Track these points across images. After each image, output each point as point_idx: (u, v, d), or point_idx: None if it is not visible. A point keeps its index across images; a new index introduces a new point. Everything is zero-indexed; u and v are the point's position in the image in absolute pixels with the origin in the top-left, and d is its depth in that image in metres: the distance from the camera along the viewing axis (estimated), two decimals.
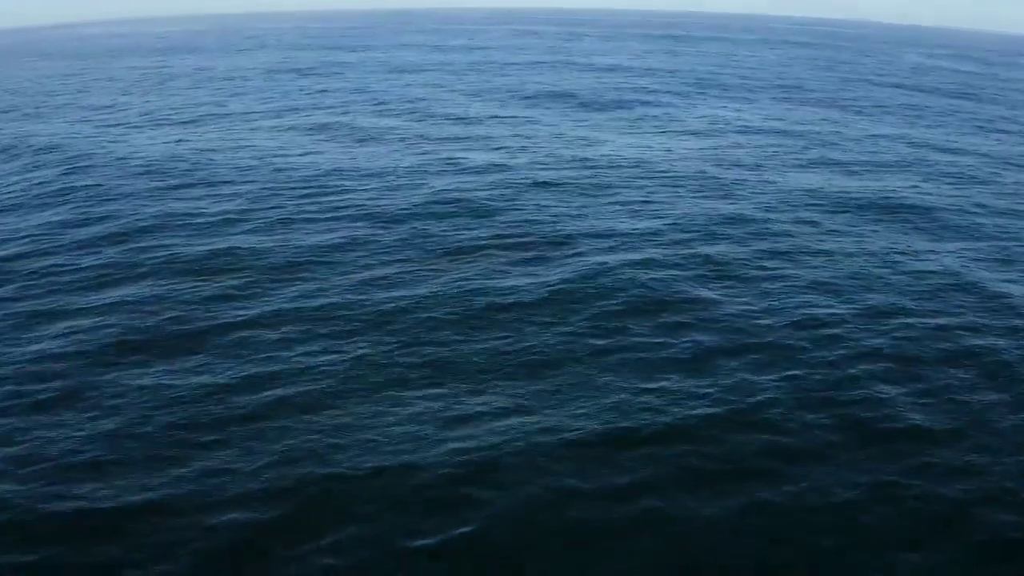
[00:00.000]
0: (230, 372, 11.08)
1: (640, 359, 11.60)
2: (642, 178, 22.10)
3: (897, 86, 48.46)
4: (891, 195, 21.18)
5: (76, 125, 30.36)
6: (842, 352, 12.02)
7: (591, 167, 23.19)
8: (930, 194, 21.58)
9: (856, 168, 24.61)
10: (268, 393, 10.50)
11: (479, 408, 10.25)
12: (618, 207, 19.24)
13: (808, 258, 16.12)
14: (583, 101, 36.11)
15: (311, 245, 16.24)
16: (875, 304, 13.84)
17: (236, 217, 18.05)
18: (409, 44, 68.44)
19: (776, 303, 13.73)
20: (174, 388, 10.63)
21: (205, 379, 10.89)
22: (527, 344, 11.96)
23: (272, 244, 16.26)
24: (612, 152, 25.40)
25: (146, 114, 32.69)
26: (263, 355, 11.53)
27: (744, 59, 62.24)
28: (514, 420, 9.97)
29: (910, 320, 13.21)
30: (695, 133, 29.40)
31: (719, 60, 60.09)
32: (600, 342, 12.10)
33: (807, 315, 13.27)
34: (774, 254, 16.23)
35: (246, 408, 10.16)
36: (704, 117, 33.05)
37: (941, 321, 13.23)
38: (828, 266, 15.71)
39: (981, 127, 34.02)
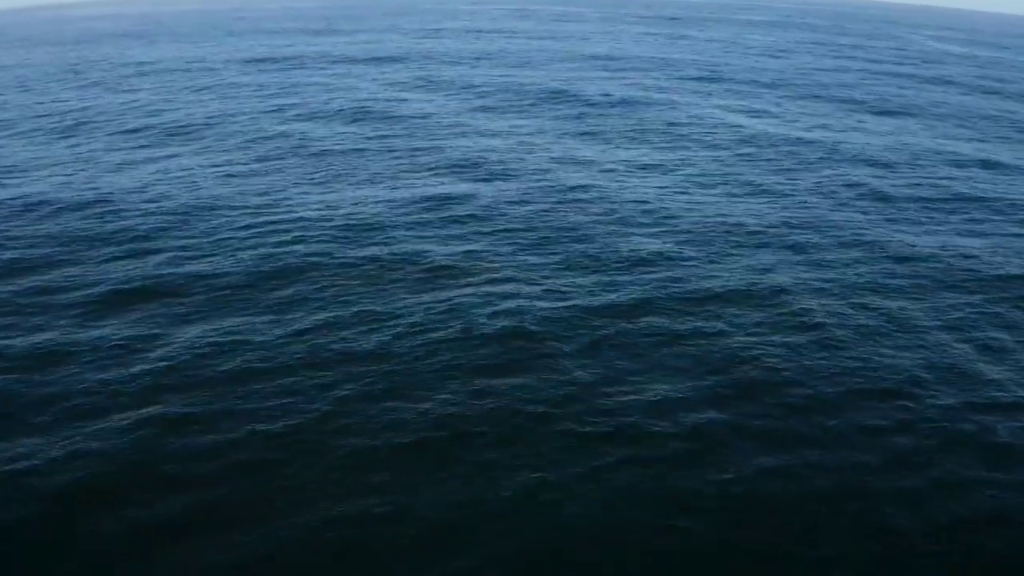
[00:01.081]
0: None
1: None
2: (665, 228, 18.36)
3: (933, 81, 44.44)
4: None
5: None
6: None
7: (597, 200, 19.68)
8: None
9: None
10: None
11: None
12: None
13: None
14: (580, 107, 31.94)
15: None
16: None
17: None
18: (397, 28, 64.17)
19: None
20: None
21: None
22: None
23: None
24: (621, 185, 21.60)
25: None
26: None
27: (752, 45, 58.08)
28: None
29: None
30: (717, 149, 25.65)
31: (724, 48, 55.77)
32: None
33: None
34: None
35: None
36: (733, 127, 29.28)
37: None
38: None
39: None
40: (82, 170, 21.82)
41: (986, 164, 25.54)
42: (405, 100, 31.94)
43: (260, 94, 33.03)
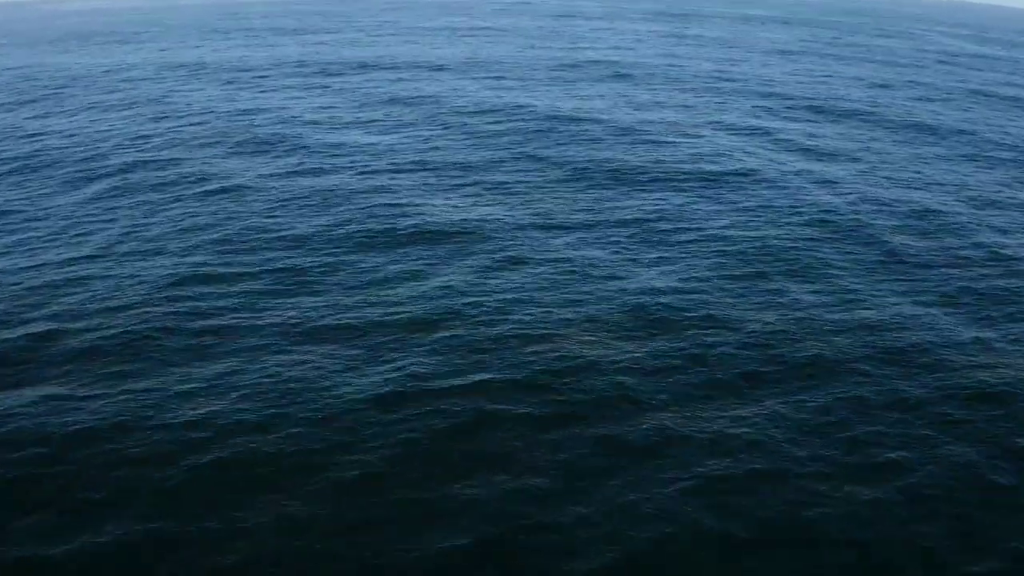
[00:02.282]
0: None
1: None
2: None
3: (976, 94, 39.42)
4: None
5: None
6: None
7: None
8: None
9: None
10: None
11: None
12: None
13: None
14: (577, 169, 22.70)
15: None
16: None
17: None
18: (386, 24, 60.37)
19: None
20: None
21: None
22: None
23: None
24: None
25: None
26: None
27: (763, 45, 53.97)
28: None
29: None
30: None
31: (730, 50, 51.58)
32: None
33: None
34: None
35: None
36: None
37: None
38: None
39: None
40: None
41: None
42: (339, 131, 26.38)
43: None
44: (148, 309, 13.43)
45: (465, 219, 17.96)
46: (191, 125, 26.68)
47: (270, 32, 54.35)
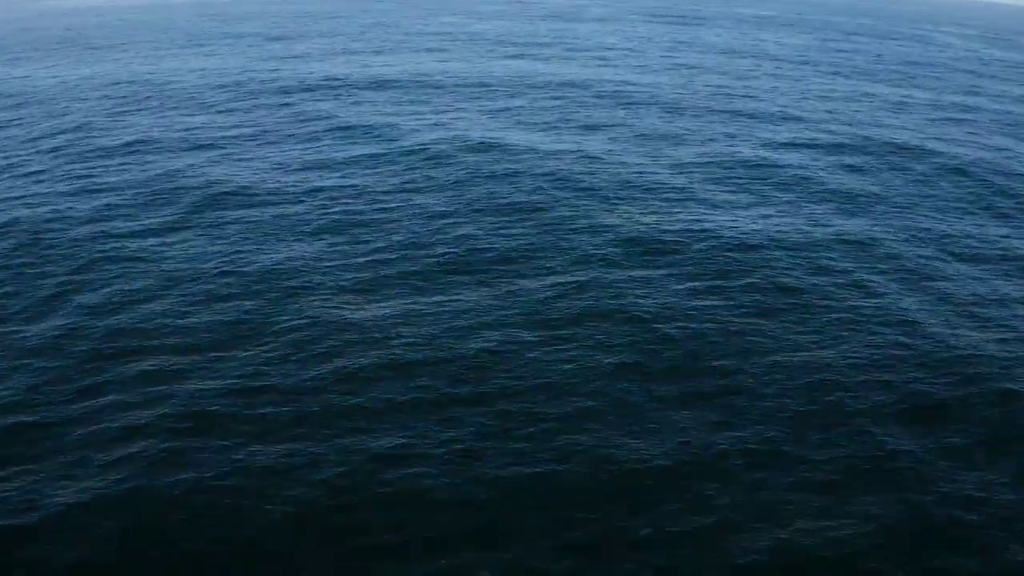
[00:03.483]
0: None
1: None
2: None
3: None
4: None
5: None
6: None
7: None
8: None
9: None
10: None
11: None
12: None
13: None
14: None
15: None
16: None
17: None
18: (359, 35, 57.24)
19: None
20: None
21: None
22: None
23: None
24: None
25: None
26: None
27: (772, 50, 50.95)
28: None
29: None
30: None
31: (738, 64, 48.57)
32: None
33: None
34: None
35: None
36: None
37: None
38: None
39: None
40: None
41: None
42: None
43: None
44: None
45: None
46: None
47: (255, 39, 51.12)
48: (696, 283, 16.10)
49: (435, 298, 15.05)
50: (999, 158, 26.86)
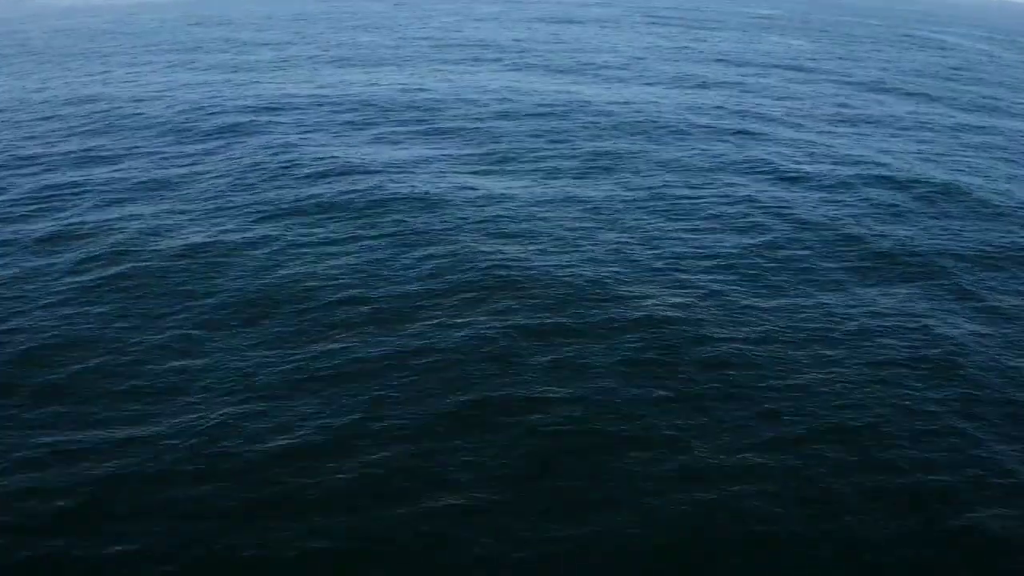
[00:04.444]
0: None
1: None
2: None
3: None
4: None
5: None
6: None
7: None
8: None
9: None
10: None
11: None
12: None
13: None
14: None
15: None
16: None
17: None
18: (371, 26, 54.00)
19: None
20: None
21: None
22: None
23: None
24: None
25: None
26: None
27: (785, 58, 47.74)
28: None
29: None
30: None
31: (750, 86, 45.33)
32: None
33: None
34: None
35: None
36: None
37: None
38: None
39: None
40: None
41: None
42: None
43: None
44: None
45: None
46: None
47: (230, 48, 47.89)
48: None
49: None
50: None
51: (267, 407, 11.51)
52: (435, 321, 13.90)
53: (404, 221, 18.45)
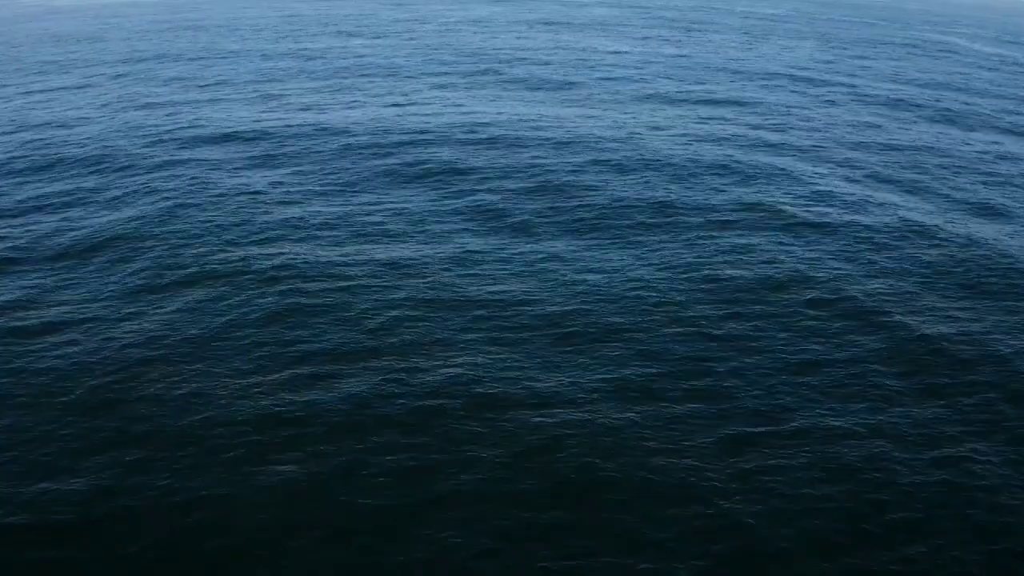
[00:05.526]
0: None
1: None
2: None
3: None
4: None
5: None
6: None
7: None
8: None
9: None
10: None
11: None
12: None
13: None
14: None
15: None
16: None
17: None
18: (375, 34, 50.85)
19: None
20: None
21: None
22: None
23: None
24: None
25: None
26: None
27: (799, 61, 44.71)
28: None
29: None
30: None
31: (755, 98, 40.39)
32: None
33: None
34: None
35: None
36: None
37: None
38: None
39: None
40: None
41: None
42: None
43: None
44: None
45: None
46: None
47: (207, 56, 44.61)
48: None
49: None
50: None
51: None
52: None
53: None
